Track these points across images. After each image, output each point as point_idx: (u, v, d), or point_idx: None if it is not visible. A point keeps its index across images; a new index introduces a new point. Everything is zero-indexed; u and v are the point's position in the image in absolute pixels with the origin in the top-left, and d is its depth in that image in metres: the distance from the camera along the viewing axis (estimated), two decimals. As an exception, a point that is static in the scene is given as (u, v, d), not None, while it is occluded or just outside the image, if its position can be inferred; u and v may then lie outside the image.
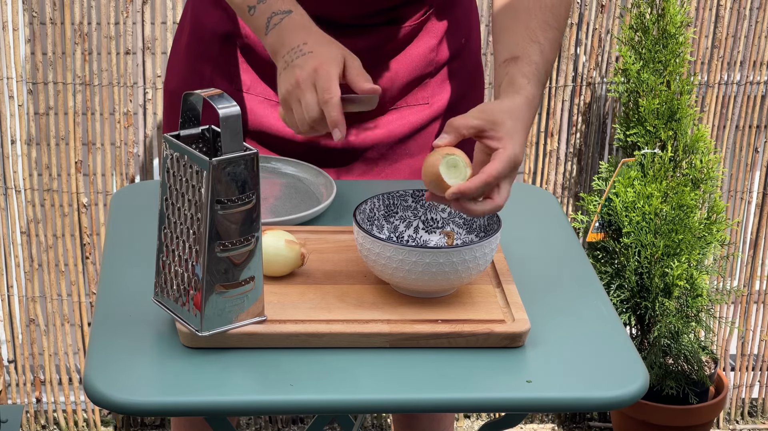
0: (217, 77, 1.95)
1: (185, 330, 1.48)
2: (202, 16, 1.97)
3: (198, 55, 1.97)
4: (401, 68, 1.94)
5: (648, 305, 2.76)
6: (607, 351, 1.53)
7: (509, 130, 1.60)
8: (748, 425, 3.16)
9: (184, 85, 1.97)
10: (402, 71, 1.94)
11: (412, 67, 1.94)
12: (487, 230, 1.64)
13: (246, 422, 3.03)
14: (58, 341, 2.91)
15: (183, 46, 2.01)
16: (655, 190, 2.70)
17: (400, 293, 1.59)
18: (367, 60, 1.89)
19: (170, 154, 1.46)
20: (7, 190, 2.79)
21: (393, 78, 1.93)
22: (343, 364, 1.47)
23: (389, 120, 1.94)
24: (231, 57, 1.94)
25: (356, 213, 1.60)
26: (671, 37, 2.69)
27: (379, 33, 1.91)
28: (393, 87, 1.94)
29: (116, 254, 1.69)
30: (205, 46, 1.96)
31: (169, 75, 2.04)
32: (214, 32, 1.95)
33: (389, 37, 1.91)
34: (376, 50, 1.91)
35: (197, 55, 1.97)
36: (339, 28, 1.88)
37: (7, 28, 2.67)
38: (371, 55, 1.90)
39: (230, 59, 1.94)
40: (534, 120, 1.69)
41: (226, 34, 1.94)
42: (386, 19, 1.91)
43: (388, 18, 1.91)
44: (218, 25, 1.94)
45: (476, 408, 1.50)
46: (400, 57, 1.94)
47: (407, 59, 1.94)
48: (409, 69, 1.94)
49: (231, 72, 1.94)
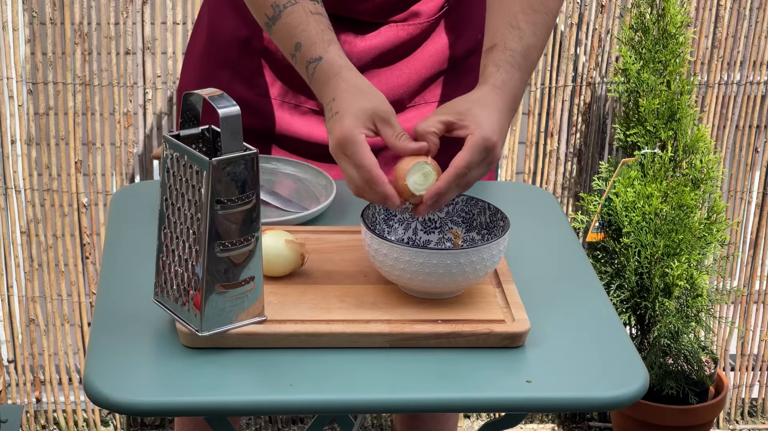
0: (235, 83, 1.93)
1: (185, 330, 1.48)
2: (219, 22, 1.96)
3: (215, 61, 1.96)
4: (418, 65, 1.93)
5: (648, 305, 2.76)
6: (607, 351, 1.53)
7: (476, 117, 1.60)
8: (748, 425, 3.16)
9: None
10: (419, 68, 1.93)
11: (429, 63, 1.94)
12: (489, 227, 1.64)
13: (246, 422, 3.03)
14: (58, 341, 2.91)
15: (198, 51, 2.00)
16: (655, 189, 2.70)
17: (400, 293, 1.59)
18: (384, 57, 1.89)
19: (170, 154, 1.46)
20: (7, 190, 2.79)
21: (410, 75, 1.93)
22: (343, 364, 1.47)
23: (407, 117, 1.94)
24: (250, 62, 1.93)
25: (363, 215, 1.60)
26: (671, 37, 2.69)
27: (397, 29, 1.90)
28: (410, 84, 1.93)
29: (116, 254, 1.69)
30: (223, 51, 1.95)
31: (183, 81, 2.03)
32: (232, 38, 1.94)
33: (407, 34, 1.91)
34: (393, 47, 1.90)
35: (214, 60, 1.96)
36: (356, 25, 1.87)
37: (7, 28, 2.67)
38: (388, 52, 1.90)
39: (250, 64, 1.93)
40: (516, 106, 1.68)
41: (245, 39, 1.93)
42: (403, 15, 1.90)
43: (404, 14, 1.90)
44: (236, 30, 1.93)
45: (476, 408, 1.50)
46: (417, 53, 1.93)
47: (424, 56, 1.93)
48: (426, 65, 1.94)
49: (251, 77, 1.93)
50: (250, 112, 1.90)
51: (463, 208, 1.67)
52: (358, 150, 1.57)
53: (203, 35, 1.99)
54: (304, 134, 1.94)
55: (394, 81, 1.92)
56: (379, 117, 1.60)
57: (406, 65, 1.92)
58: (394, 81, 1.92)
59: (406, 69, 1.92)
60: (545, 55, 2.85)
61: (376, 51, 1.89)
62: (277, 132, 1.94)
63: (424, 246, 1.63)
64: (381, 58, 1.89)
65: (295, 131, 1.93)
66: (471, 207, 1.66)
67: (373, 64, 1.90)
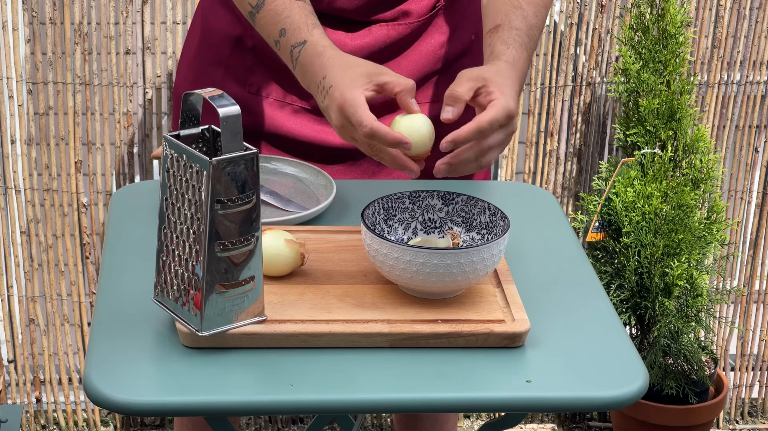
0: (228, 81, 1.94)
1: (185, 330, 1.48)
2: (211, 20, 1.96)
3: (209, 60, 1.96)
4: (410, 65, 1.93)
5: (648, 305, 2.76)
6: (607, 351, 1.53)
7: (499, 85, 1.65)
8: (748, 425, 3.16)
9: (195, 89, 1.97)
10: (411, 68, 1.93)
11: (421, 63, 1.94)
12: (489, 227, 1.64)
13: (246, 422, 3.03)
14: (58, 341, 2.91)
15: (193, 50, 2.00)
16: (655, 189, 2.70)
17: (399, 293, 1.59)
18: (375, 57, 1.89)
19: (170, 154, 1.46)
20: (7, 190, 2.79)
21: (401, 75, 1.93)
22: (343, 364, 1.47)
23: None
24: (243, 60, 1.94)
25: (363, 215, 1.60)
26: (671, 37, 2.69)
27: (387, 29, 1.90)
28: None
29: (116, 254, 1.69)
30: (216, 50, 1.95)
31: (179, 79, 2.03)
32: (224, 36, 1.94)
33: (397, 33, 1.91)
34: (384, 47, 1.90)
35: (208, 59, 1.96)
36: (346, 24, 1.88)
37: (7, 28, 2.67)
38: (380, 52, 1.90)
39: (242, 62, 1.93)
40: (522, 85, 1.72)
41: (237, 37, 1.93)
42: (393, 14, 1.90)
43: (394, 13, 1.90)
44: (229, 28, 1.93)
45: (476, 408, 1.50)
46: (408, 53, 1.93)
47: (416, 55, 1.94)
48: (418, 65, 1.94)
49: (244, 76, 1.94)
50: (243, 111, 1.91)
51: (463, 208, 1.67)
52: (356, 110, 1.60)
53: (197, 34, 2.00)
54: (296, 133, 1.94)
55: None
56: (376, 75, 1.63)
57: (397, 65, 1.92)
58: None
59: (397, 69, 1.92)
60: (545, 55, 2.85)
61: (367, 50, 1.89)
62: (270, 131, 1.94)
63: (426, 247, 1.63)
64: (372, 57, 1.89)
65: (287, 130, 1.94)
66: (471, 207, 1.66)
67: None
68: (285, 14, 1.73)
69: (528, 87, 2.87)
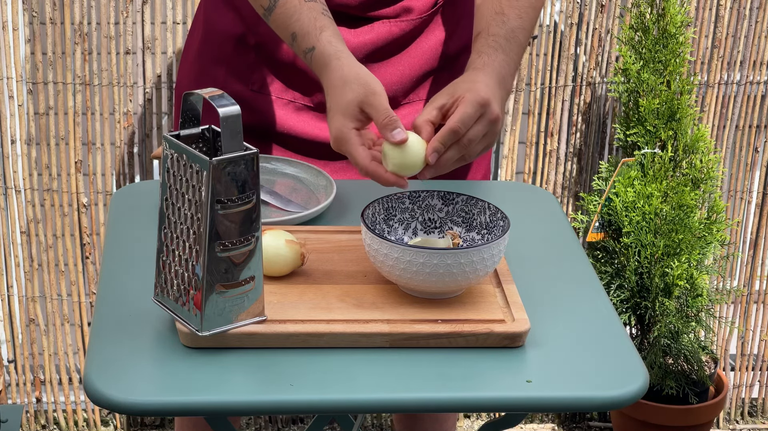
0: (231, 79, 1.94)
1: (185, 330, 1.48)
2: (214, 19, 1.96)
3: (211, 58, 1.96)
4: (412, 61, 1.93)
5: (648, 305, 2.76)
6: (607, 351, 1.53)
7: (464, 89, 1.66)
8: (748, 425, 3.16)
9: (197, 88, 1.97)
10: (413, 64, 1.93)
11: (422, 60, 1.94)
12: (489, 227, 1.64)
13: (246, 422, 3.03)
14: (58, 341, 2.91)
15: (195, 49, 2.00)
16: (655, 189, 2.70)
17: (400, 293, 1.59)
18: (377, 53, 1.89)
19: (170, 154, 1.46)
20: (7, 190, 2.79)
21: (403, 71, 1.93)
22: (343, 364, 1.47)
23: (402, 114, 1.94)
24: (245, 58, 1.93)
25: (363, 215, 1.60)
26: (671, 36, 2.69)
27: (389, 25, 1.90)
28: (404, 80, 1.93)
29: (116, 254, 1.69)
30: (218, 48, 1.95)
31: (180, 78, 2.03)
32: (227, 34, 1.94)
33: (399, 30, 1.91)
34: (386, 43, 1.90)
35: (210, 57, 1.96)
36: (349, 20, 1.88)
37: (7, 28, 2.67)
38: (382, 49, 1.90)
39: (244, 60, 1.93)
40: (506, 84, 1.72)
41: (240, 35, 1.93)
42: (395, 10, 1.90)
43: (396, 9, 1.90)
44: (231, 26, 1.93)
45: (476, 408, 1.50)
46: (410, 50, 1.93)
47: (418, 52, 1.94)
48: (419, 63, 1.94)
49: (246, 74, 1.93)
50: (246, 108, 1.91)
51: (463, 208, 1.67)
52: (350, 149, 1.63)
53: (199, 32, 1.99)
54: (298, 130, 1.94)
55: (388, 77, 1.92)
56: (366, 104, 1.63)
57: (399, 61, 1.93)
58: (387, 77, 1.92)
59: (399, 65, 1.92)
60: (545, 55, 2.85)
61: (369, 47, 1.90)
62: (272, 128, 1.94)
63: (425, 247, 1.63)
64: (374, 54, 1.89)
65: (290, 127, 1.94)
66: (471, 207, 1.66)
67: (366, 60, 1.90)
68: (295, 17, 1.72)
69: (528, 87, 2.87)
